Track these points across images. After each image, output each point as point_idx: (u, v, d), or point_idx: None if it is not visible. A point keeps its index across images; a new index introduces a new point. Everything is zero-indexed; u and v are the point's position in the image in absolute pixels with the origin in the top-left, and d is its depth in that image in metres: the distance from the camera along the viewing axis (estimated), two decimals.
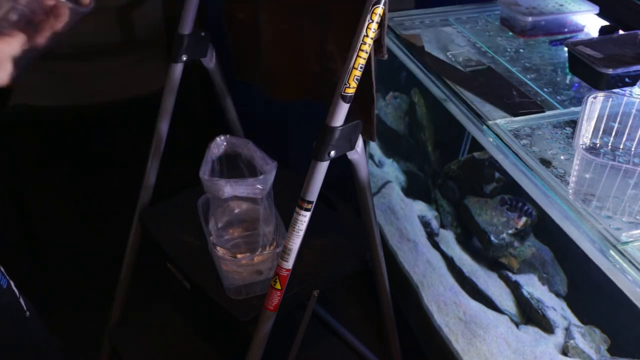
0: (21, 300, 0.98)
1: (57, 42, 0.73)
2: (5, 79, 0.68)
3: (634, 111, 1.00)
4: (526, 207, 1.27)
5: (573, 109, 1.13)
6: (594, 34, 1.36)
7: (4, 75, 0.68)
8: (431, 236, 1.54)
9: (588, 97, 0.98)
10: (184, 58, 1.26)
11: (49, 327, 1.09)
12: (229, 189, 1.11)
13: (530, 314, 1.23)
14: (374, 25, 0.89)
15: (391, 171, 1.77)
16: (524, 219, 1.28)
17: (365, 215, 1.19)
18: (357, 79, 0.92)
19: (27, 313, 0.98)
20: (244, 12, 1.26)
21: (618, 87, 1.12)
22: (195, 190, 1.24)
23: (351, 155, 1.05)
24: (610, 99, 1.00)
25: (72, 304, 1.76)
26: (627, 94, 1.10)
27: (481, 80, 1.22)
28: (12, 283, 0.97)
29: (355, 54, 0.90)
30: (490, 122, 1.09)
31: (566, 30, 1.39)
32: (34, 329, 1.01)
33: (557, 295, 1.19)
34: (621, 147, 1.02)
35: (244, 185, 1.12)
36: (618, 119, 1.01)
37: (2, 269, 0.96)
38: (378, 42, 0.94)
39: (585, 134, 1.00)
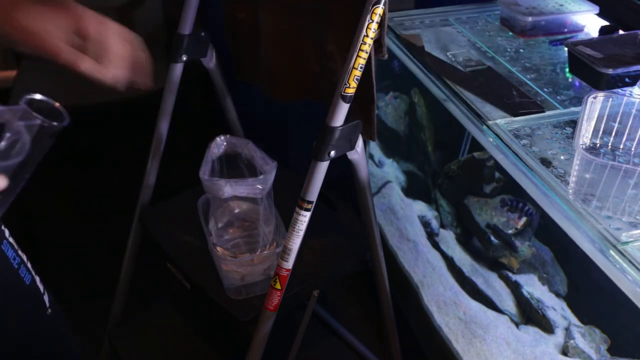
0: (45, 298, 0.95)
1: None
2: None
3: (634, 111, 1.00)
4: (526, 208, 1.27)
5: (573, 109, 1.13)
6: (594, 34, 1.36)
7: None
8: (431, 236, 1.54)
9: (588, 97, 0.98)
10: (184, 58, 1.26)
11: None
12: (229, 189, 1.11)
13: (530, 314, 1.23)
14: (374, 25, 0.89)
15: (391, 171, 1.77)
16: (524, 219, 1.28)
17: (365, 215, 1.19)
18: (357, 79, 0.92)
19: (49, 311, 0.96)
20: (244, 12, 1.26)
21: (618, 87, 1.11)
22: (195, 190, 1.24)
23: (351, 155, 1.05)
24: (610, 99, 0.99)
25: (72, 304, 1.76)
26: (627, 94, 1.10)
27: (481, 80, 1.22)
28: (37, 279, 0.95)
29: (355, 54, 0.90)
30: (490, 122, 1.09)
31: (566, 30, 1.39)
32: (54, 327, 1.00)
33: (557, 295, 1.19)
34: (621, 147, 1.02)
35: (244, 185, 1.12)
36: (618, 119, 1.01)
37: (28, 264, 0.94)
38: (378, 42, 0.94)
39: (585, 134, 1.00)
